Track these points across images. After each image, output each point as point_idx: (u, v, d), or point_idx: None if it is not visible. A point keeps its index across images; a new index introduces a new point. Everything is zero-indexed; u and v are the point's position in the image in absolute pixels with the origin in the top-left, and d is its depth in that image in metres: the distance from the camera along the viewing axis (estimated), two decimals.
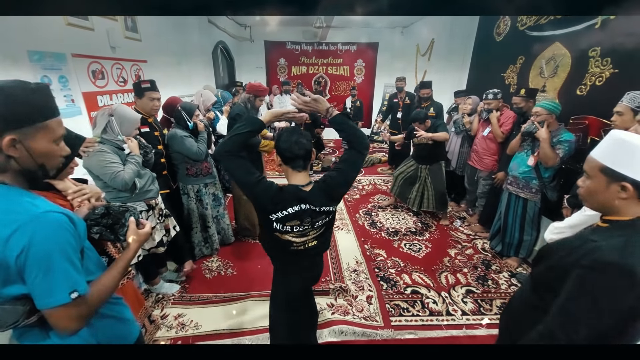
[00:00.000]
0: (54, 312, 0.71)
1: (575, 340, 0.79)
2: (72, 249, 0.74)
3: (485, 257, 2.74)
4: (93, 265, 0.88)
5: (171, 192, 2.34)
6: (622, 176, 0.78)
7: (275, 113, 1.29)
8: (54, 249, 0.69)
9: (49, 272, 0.69)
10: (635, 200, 0.79)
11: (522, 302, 1.05)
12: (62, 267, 0.71)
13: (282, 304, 1.39)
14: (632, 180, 0.77)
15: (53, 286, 0.69)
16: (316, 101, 1.23)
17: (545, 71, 2.77)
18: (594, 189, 0.86)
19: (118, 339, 0.93)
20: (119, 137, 1.70)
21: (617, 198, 0.80)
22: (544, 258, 0.96)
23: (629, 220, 0.79)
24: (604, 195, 0.83)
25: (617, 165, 0.80)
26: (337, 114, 1.22)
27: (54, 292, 0.70)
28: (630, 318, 0.75)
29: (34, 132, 0.71)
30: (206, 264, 2.56)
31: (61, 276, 0.70)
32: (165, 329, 1.91)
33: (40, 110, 0.72)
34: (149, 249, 1.96)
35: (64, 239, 0.72)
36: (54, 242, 0.70)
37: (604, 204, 0.85)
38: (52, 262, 0.69)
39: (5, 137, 0.67)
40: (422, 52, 5.55)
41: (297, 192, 1.12)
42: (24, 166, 0.72)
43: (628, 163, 0.78)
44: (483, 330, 1.96)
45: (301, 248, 1.21)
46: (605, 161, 0.83)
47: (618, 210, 0.82)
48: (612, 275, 0.73)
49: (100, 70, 2.37)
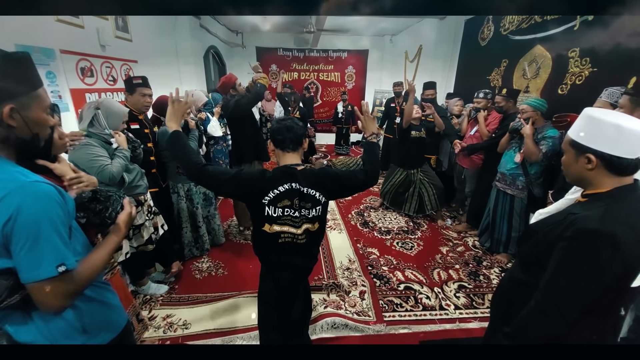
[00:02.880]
0: (39, 287, 0.68)
1: (565, 313, 0.81)
2: (61, 222, 0.72)
3: (477, 254, 2.77)
4: (80, 246, 0.85)
5: (160, 190, 2.29)
6: (586, 148, 0.83)
7: (175, 111, 1.26)
8: (42, 219, 0.67)
9: (37, 242, 0.66)
10: (604, 171, 0.82)
11: (512, 283, 1.06)
12: (50, 239, 0.68)
13: (270, 299, 1.34)
14: (594, 151, 0.81)
15: (40, 258, 0.67)
16: (370, 120, 1.35)
17: (528, 73, 2.88)
18: (566, 162, 0.91)
19: (104, 325, 0.90)
20: (106, 130, 1.67)
21: (585, 170, 0.84)
22: (530, 236, 0.99)
23: (606, 191, 0.83)
24: (575, 168, 0.88)
25: (582, 139, 0.84)
26: (376, 142, 1.35)
27: (40, 265, 0.67)
28: (616, 284, 0.77)
29: (29, 101, 0.71)
30: (196, 265, 2.51)
31: (49, 248, 0.68)
32: (152, 330, 1.84)
33: (31, 79, 0.72)
34: (138, 247, 1.92)
35: (53, 210, 0.70)
36: (43, 212, 0.68)
37: (578, 177, 0.89)
38: (40, 233, 0.67)
39: (4, 107, 0.66)
40: (411, 58, 5.70)
41: (287, 169, 1.14)
42: (20, 136, 0.71)
43: (592, 136, 0.82)
44: (476, 323, 1.97)
45: (288, 240, 1.18)
46: (573, 135, 0.87)
47: (593, 182, 0.85)
48: (594, 242, 0.75)
49: (90, 67, 2.35)
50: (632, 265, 0.76)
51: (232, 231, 3.10)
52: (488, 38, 3.53)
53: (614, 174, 0.82)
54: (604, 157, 0.80)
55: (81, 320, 0.82)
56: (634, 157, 0.80)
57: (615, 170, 0.81)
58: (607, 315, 0.89)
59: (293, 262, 1.26)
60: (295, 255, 1.23)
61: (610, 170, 0.82)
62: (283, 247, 1.20)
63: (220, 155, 3.65)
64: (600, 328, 0.89)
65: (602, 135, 0.81)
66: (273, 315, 1.36)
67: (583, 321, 0.85)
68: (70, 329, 0.81)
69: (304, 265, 1.30)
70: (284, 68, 7.08)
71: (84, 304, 0.83)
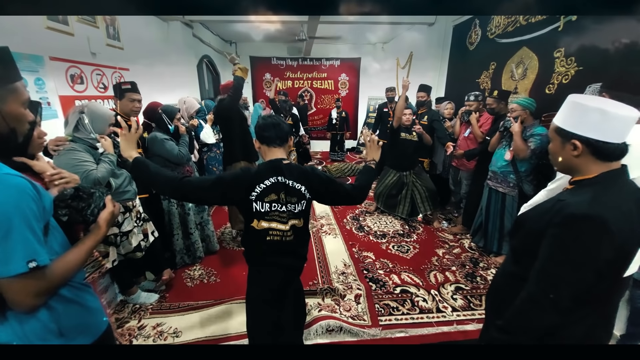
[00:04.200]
0: (9, 283, 0.66)
1: (557, 300, 0.79)
2: (34, 217, 0.69)
3: (473, 255, 2.74)
4: (58, 245, 0.82)
5: (150, 197, 2.26)
6: (571, 134, 0.82)
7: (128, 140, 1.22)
8: (13, 212, 0.65)
9: (7, 237, 0.65)
10: (590, 157, 0.82)
11: (505, 276, 1.04)
12: (21, 233, 0.66)
13: (260, 303, 1.28)
14: (580, 137, 0.80)
15: (10, 253, 0.65)
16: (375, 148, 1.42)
17: (516, 74, 2.93)
18: (553, 150, 0.90)
19: (82, 328, 0.86)
20: (92, 135, 1.65)
21: (572, 156, 0.83)
22: (520, 227, 0.97)
23: (593, 177, 0.82)
24: (561, 155, 0.87)
25: (567, 125, 0.83)
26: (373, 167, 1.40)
27: (10, 260, 0.65)
28: (608, 270, 0.75)
29: (5, 94, 0.70)
30: (188, 273, 2.45)
31: (19, 243, 0.66)
32: (142, 339, 1.78)
33: (8, 72, 0.71)
34: (126, 254, 1.87)
35: (25, 204, 0.67)
36: (14, 205, 0.66)
37: (565, 164, 0.88)
38: (10, 227, 0.65)
39: None
40: (402, 64, 5.79)
41: (273, 163, 1.13)
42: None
43: (577, 122, 0.82)
44: (474, 325, 1.93)
45: (277, 239, 1.17)
46: (558, 122, 0.87)
47: (579, 169, 0.84)
48: (582, 226, 0.74)
49: (80, 74, 2.34)
50: (622, 249, 0.74)
51: (226, 238, 3.05)
52: (476, 42, 3.60)
53: (600, 159, 0.81)
54: (590, 142, 0.80)
55: (57, 322, 0.79)
56: (620, 142, 0.79)
57: (601, 156, 0.81)
58: (602, 307, 0.87)
59: (282, 263, 1.23)
60: (284, 255, 1.21)
61: (596, 156, 0.81)
62: (272, 247, 1.17)
63: (214, 162, 3.64)
64: (594, 322, 0.87)
65: (587, 121, 0.80)
66: (263, 319, 1.31)
67: (577, 313, 0.82)
68: (45, 331, 0.77)
69: (293, 266, 1.27)
70: (278, 77, 7.13)
71: (60, 305, 0.79)
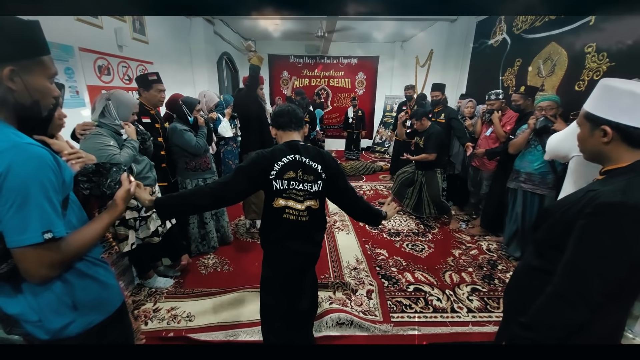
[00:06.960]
0: (23, 253, 0.66)
1: (587, 297, 0.74)
2: (53, 188, 0.69)
3: (491, 258, 2.64)
4: (76, 220, 0.83)
5: (169, 185, 2.32)
6: (601, 120, 0.77)
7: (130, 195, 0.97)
8: (32, 181, 0.65)
9: (24, 205, 0.64)
10: (621, 144, 0.76)
11: (526, 271, 0.99)
12: (39, 203, 0.66)
13: (274, 287, 1.31)
14: (610, 122, 0.75)
15: (26, 222, 0.65)
16: (393, 210, 1.44)
17: (543, 71, 2.81)
18: (581, 137, 0.85)
19: (96, 303, 0.86)
20: (117, 121, 1.71)
21: (601, 143, 0.78)
22: (546, 218, 0.92)
23: (626, 165, 0.76)
24: (591, 142, 0.82)
25: (597, 110, 0.78)
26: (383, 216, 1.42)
27: (26, 229, 0.65)
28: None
29: (31, 65, 0.71)
30: (202, 261, 2.50)
31: (36, 212, 0.66)
32: (156, 321, 1.83)
33: (36, 45, 0.72)
34: (144, 238, 1.92)
35: (44, 174, 0.68)
36: (34, 174, 0.66)
37: (594, 152, 0.83)
38: (28, 195, 0.65)
39: (5, 68, 0.66)
40: (422, 63, 5.68)
41: (289, 144, 1.17)
42: (19, 100, 0.70)
43: (608, 107, 0.76)
44: (490, 327, 1.86)
45: (293, 218, 1.18)
46: (588, 107, 0.82)
47: (610, 157, 0.79)
48: (618, 215, 0.69)
49: (107, 66, 2.44)
50: None
51: (240, 230, 3.09)
52: (500, 38, 3.48)
53: (632, 146, 0.76)
54: (620, 128, 0.74)
55: (72, 296, 0.79)
56: None
57: (633, 143, 0.75)
58: (628, 304, 0.81)
59: (297, 248, 1.23)
60: (298, 238, 1.22)
61: (627, 143, 0.76)
62: (287, 226, 1.19)
63: (230, 156, 3.69)
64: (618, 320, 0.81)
65: (618, 105, 0.75)
66: (276, 305, 1.32)
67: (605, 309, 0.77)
68: (59, 304, 0.78)
69: (309, 252, 1.28)
70: (295, 75, 7.19)
71: (76, 278, 0.80)
